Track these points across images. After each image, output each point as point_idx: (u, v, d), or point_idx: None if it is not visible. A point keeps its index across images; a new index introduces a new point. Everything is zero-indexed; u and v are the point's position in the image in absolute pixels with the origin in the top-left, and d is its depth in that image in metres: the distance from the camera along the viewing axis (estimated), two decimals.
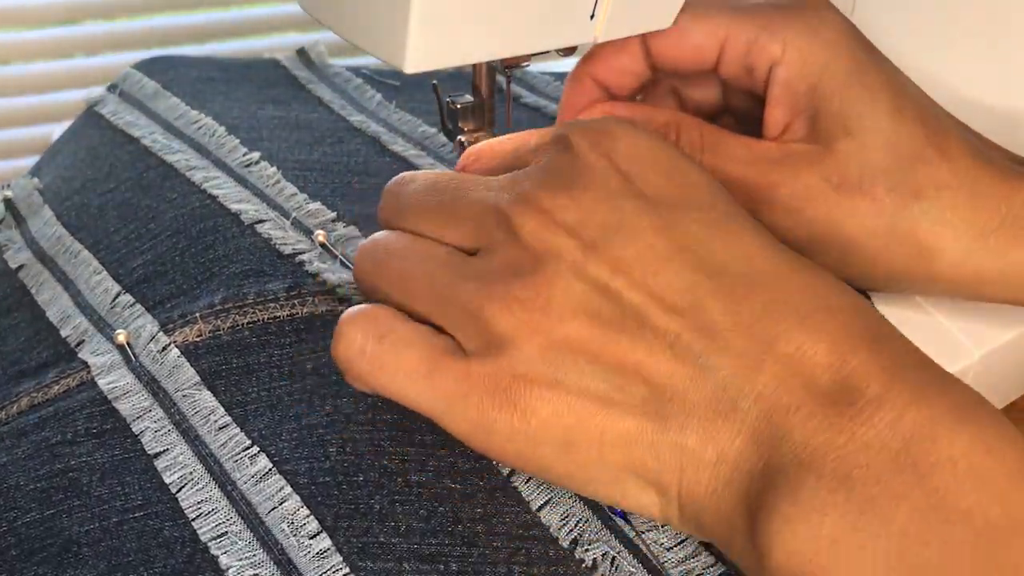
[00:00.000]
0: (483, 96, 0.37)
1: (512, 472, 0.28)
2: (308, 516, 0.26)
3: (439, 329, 0.26)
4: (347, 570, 0.25)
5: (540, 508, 0.27)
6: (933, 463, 0.21)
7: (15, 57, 0.57)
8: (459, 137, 0.38)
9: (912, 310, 0.36)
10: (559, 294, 0.24)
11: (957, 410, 0.22)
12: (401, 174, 0.30)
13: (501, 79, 0.38)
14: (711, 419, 0.23)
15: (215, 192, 0.38)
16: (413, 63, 0.28)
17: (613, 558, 0.26)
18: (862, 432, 0.22)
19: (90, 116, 0.45)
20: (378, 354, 0.26)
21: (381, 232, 0.29)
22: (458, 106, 0.37)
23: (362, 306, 0.27)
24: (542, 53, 0.33)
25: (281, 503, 0.27)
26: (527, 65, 0.36)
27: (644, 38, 0.35)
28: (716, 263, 0.25)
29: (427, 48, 0.28)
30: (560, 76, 0.51)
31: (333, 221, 0.37)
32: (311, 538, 0.26)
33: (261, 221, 0.36)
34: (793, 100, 0.33)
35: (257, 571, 0.25)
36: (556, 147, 0.27)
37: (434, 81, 0.38)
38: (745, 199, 0.33)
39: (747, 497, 0.23)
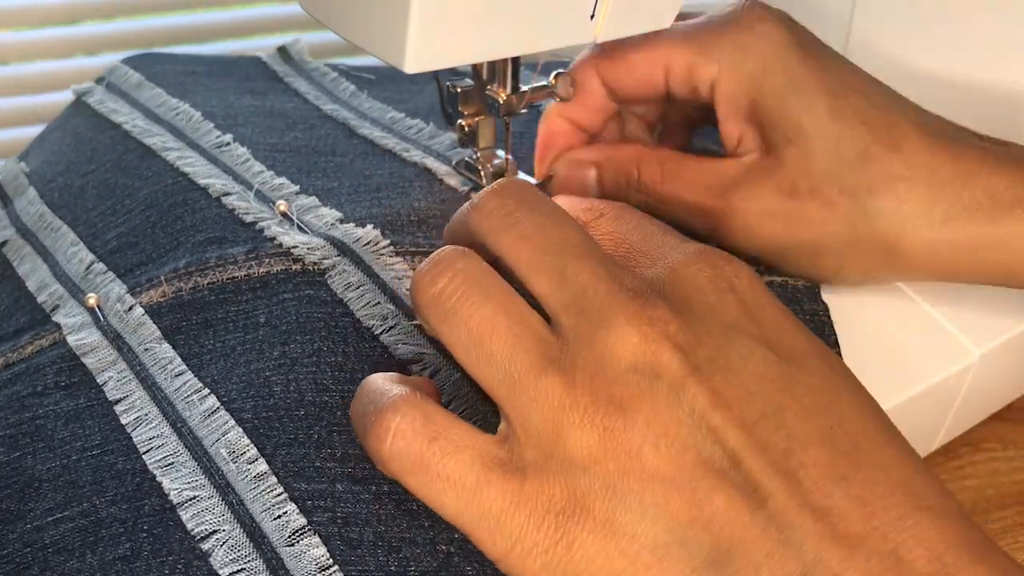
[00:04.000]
0: (483, 80, 0.37)
1: (447, 405, 0.29)
2: (248, 445, 0.28)
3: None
4: (281, 490, 0.27)
5: None
6: None
7: (15, 57, 0.59)
8: (459, 121, 0.38)
9: (912, 310, 0.36)
10: (649, 417, 0.21)
11: None
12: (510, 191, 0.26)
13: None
14: None
15: (187, 170, 0.40)
16: (413, 63, 0.28)
17: None
18: None
19: (77, 105, 0.47)
20: (425, 457, 0.22)
21: (458, 256, 0.24)
22: (458, 90, 0.38)
23: (405, 394, 0.23)
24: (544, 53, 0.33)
25: (224, 435, 0.28)
26: (525, 112, 0.37)
27: (600, 76, 0.36)
28: (830, 427, 0.22)
29: (427, 48, 0.28)
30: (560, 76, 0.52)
31: (296, 193, 0.38)
32: (250, 463, 0.27)
33: (227, 194, 0.38)
34: (738, 115, 0.34)
35: (197, 493, 0.27)
36: (679, 263, 0.25)
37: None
38: (707, 224, 0.34)
39: None
